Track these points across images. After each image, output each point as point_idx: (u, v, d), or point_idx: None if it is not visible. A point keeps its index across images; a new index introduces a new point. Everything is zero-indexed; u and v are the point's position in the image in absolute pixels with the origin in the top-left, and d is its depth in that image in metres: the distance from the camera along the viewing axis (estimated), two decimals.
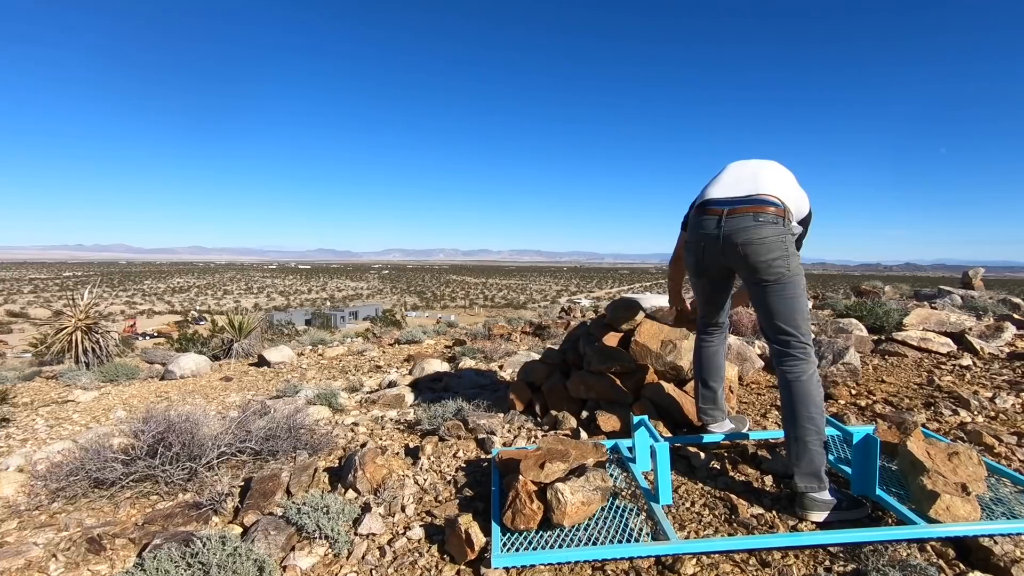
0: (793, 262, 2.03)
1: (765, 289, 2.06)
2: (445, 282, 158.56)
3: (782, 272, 2.01)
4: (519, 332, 6.92)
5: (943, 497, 1.75)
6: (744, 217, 2.06)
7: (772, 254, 2.01)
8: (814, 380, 2.01)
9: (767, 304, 2.07)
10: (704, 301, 2.51)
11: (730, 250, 2.10)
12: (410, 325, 21.26)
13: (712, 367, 2.52)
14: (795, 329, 2.03)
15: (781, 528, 1.92)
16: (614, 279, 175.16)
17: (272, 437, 2.86)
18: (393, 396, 3.82)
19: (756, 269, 2.05)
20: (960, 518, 1.73)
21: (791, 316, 2.03)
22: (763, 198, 2.07)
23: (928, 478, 1.83)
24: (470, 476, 2.39)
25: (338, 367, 5.88)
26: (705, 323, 2.55)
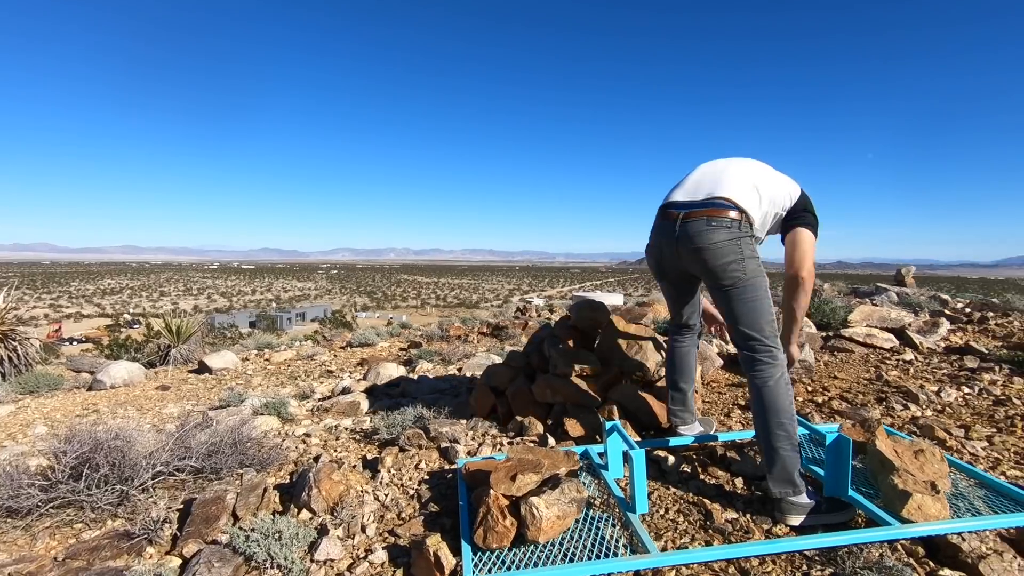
0: (749, 266, 1.98)
1: (724, 294, 2.03)
2: (396, 282, 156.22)
3: (738, 276, 1.97)
4: (476, 333, 6.79)
5: (915, 496, 1.76)
6: (698, 222, 2.01)
7: (726, 258, 1.97)
8: (782, 384, 1.97)
9: (728, 309, 2.04)
10: (671, 303, 2.48)
11: (686, 255, 2.07)
12: (361, 326, 20.73)
13: (683, 368, 2.49)
14: (758, 333, 1.99)
15: (756, 532, 1.89)
16: (566, 278, 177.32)
17: (215, 453, 2.63)
18: (347, 403, 3.63)
19: (712, 274, 2.02)
20: (932, 517, 1.74)
21: (753, 320, 1.99)
22: (718, 202, 2.02)
23: (899, 477, 1.84)
24: (434, 489, 2.25)
25: (286, 373, 5.59)
26: (676, 324, 2.51)
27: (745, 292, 1.97)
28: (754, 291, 1.98)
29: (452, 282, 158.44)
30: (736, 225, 1.97)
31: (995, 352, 4.45)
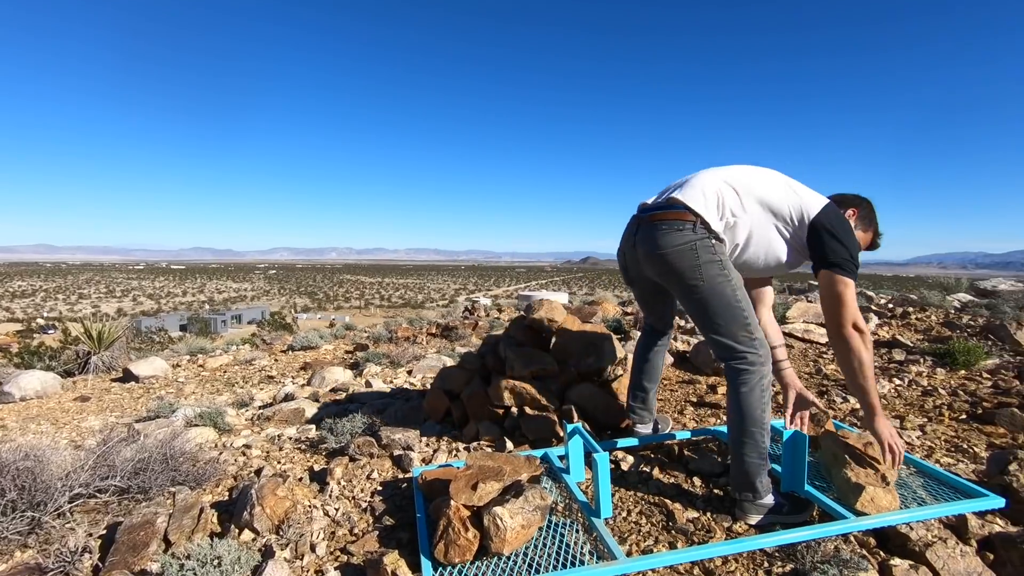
0: (708, 271, 1.87)
1: (685, 301, 1.96)
2: (338, 282, 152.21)
3: (696, 283, 1.88)
4: (425, 334, 6.64)
5: (867, 489, 1.80)
6: (651, 225, 1.94)
7: (681, 263, 1.88)
8: (757, 392, 1.88)
9: (694, 317, 1.97)
10: (644, 307, 2.45)
11: (642, 259, 2.02)
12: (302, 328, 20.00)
13: (650, 370, 2.47)
14: (729, 339, 1.90)
15: (718, 531, 1.89)
16: (512, 277, 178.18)
17: (143, 470, 2.41)
18: (291, 411, 3.43)
19: (668, 280, 1.96)
20: (883, 508, 1.79)
21: (718, 326, 1.91)
22: (674, 203, 1.93)
23: (851, 471, 1.89)
24: (389, 501, 2.14)
25: (223, 379, 5.26)
26: (649, 326, 2.49)
27: (709, 298, 1.88)
28: (719, 297, 1.88)
29: (397, 282, 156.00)
30: (690, 228, 1.88)
31: (919, 345, 4.74)
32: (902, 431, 2.82)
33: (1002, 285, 9.33)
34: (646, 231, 1.96)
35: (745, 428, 1.88)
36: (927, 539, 1.78)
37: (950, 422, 2.96)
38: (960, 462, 2.45)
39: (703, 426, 2.86)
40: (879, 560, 1.73)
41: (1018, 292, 8.65)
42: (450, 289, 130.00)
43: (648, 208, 2.02)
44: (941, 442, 2.70)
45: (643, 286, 2.30)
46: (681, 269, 1.88)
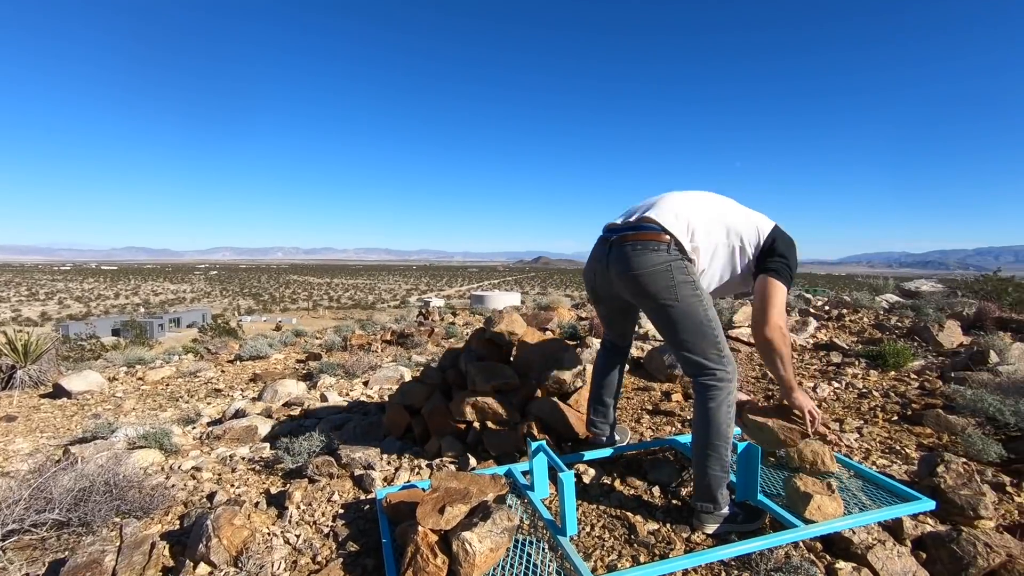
0: (683, 290, 1.94)
1: (659, 319, 2.02)
2: (285, 283, 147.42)
3: (670, 302, 1.94)
4: (379, 341, 6.54)
5: (815, 498, 1.91)
6: (627, 245, 2.00)
7: (657, 284, 1.94)
8: (723, 408, 1.96)
9: (666, 334, 2.04)
10: (605, 324, 2.50)
11: (616, 279, 2.06)
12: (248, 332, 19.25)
13: (609, 384, 2.53)
14: (700, 356, 1.98)
15: (677, 542, 1.96)
16: (464, 277, 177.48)
17: (84, 500, 2.27)
18: (243, 428, 3.32)
19: (643, 299, 2.01)
20: (829, 515, 1.90)
21: (692, 343, 1.98)
22: (646, 224, 2.00)
23: (800, 480, 1.99)
24: (352, 525, 2.10)
25: (165, 393, 5.02)
26: (609, 342, 2.54)
27: (682, 318, 1.94)
28: (691, 316, 1.95)
29: (346, 282, 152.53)
30: (665, 248, 1.95)
31: (853, 347, 5.04)
32: (842, 434, 2.99)
33: (924, 286, 10.03)
34: (620, 251, 2.01)
35: (711, 442, 1.96)
36: (868, 542, 1.90)
37: (884, 424, 3.16)
38: (894, 463, 2.63)
39: (659, 434, 2.95)
40: (825, 564, 1.84)
41: (938, 293, 9.33)
42: (401, 289, 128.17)
43: (620, 229, 2.07)
44: (876, 444, 2.89)
45: (610, 305, 2.36)
46: (656, 289, 1.94)
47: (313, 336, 8.92)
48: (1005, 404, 3.03)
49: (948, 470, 2.26)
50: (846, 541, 1.91)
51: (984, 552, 1.79)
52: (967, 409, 3.14)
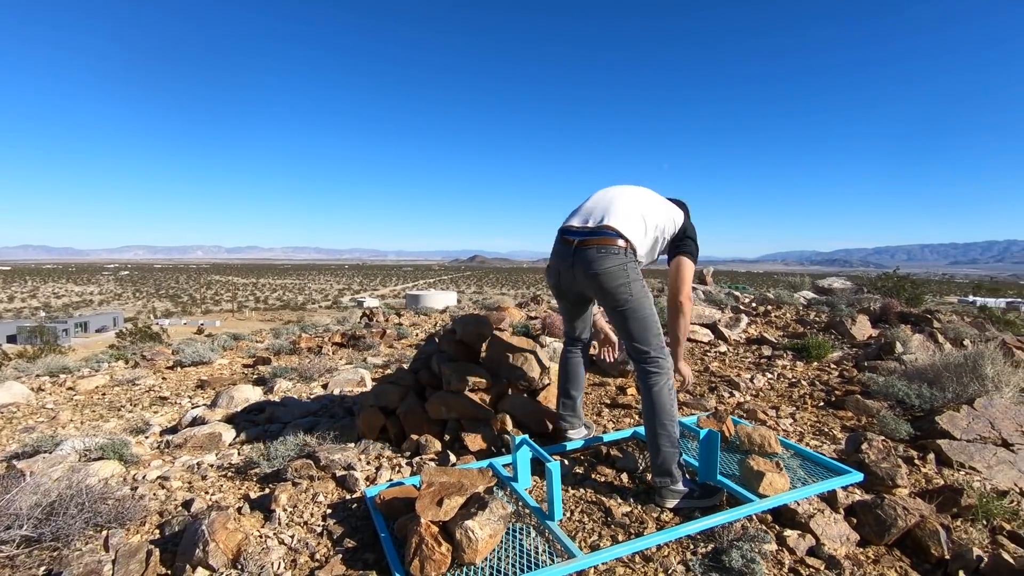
0: (636, 288, 2.25)
1: (616, 313, 2.30)
2: (206, 283, 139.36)
3: (626, 298, 2.25)
4: (330, 343, 6.46)
5: (767, 475, 2.18)
6: (591, 249, 2.26)
7: (616, 282, 2.24)
8: (666, 391, 2.26)
9: (619, 326, 2.33)
10: (567, 319, 2.69)
11: (580, 278, 2.32)
12: (173, 336, 18.16)
13: (575, 378, 2.72)
14: (646, 345, 2.29)
15: (649, 521, 2.17)
16: (398, 276, 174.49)
17: (54, 514, 2.21)
18: (205, 436, 3.26)
19: (604, 296, 2.29)
20: (779, 490, 2.17)
21: (641, 334, 2.28)
22: (607, 231, 2.28)
23: (753, 460, 2.26)
24: (344, 523, 2.17)
25: (103, 403, 4.77)
26: (569, 337, 2.73)
27: (634, 312, 2.26)
28: (641, 310, 2.27)
29: (274, 282, 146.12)
30: (622, 252, 2.24)
31: (781, 341, 5.53)
32: (779, 419, 3.33)
33: (836, 284, 10.99)
34: (583, 254, 2.27)
35: (660, 420, 2.24)
36: (810, 512, 2.19)
37: (812, 409, 3.55)
38: (824, 443, 2.98)
39: (620, 426, 3.18)
40: (776, 532, 2.11)
41: (848, 290, 10.28)
42: (333, 289, 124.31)
43: (582, 233, 2.30)
44: (808, 427, 3.24)
45: (572, 300, 2.61)
46: (614, 287, 2.23)
47: (253, 339, 8.64)
48: (911, 389, 3.48)
49: (871, 447, 2.62)
50: (792, 512, 2.20)
51: (903, 514, 2.12)
52: (880, 394, 3.58)
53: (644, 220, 2.36)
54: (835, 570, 1.92)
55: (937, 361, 3.67)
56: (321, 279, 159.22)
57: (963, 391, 3.42)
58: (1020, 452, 2.87)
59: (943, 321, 6.47)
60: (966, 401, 3.25)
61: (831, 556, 1.97)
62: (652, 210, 2.41)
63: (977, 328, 6.51)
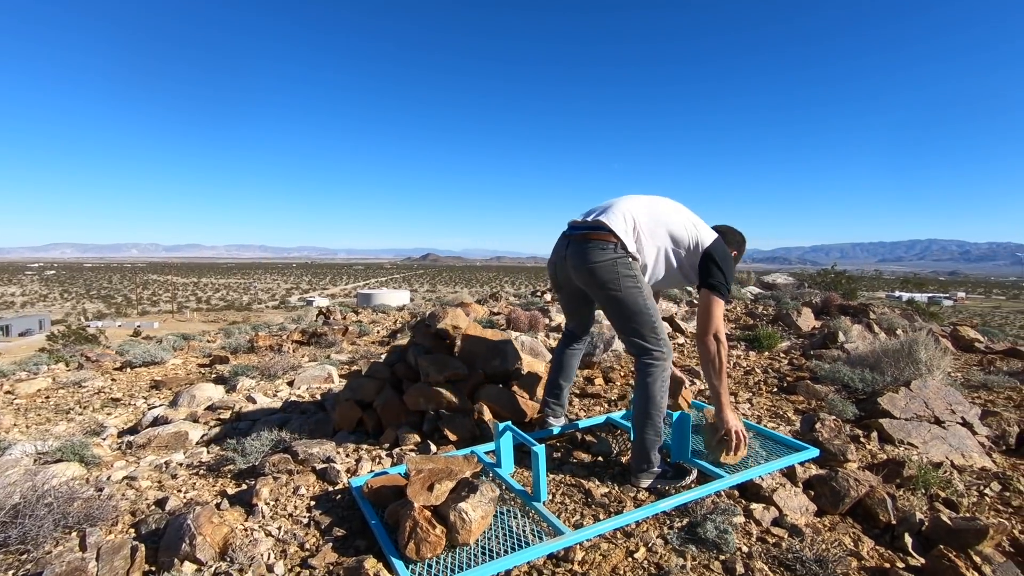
0: (625, 283, 2.27)
1: (606, 307, 2.37)
2: (143, 283, 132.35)
3: (614, 293, 2.28)
4: (290, 342, 6.33)
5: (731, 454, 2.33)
6: (582, 243, 2.33)
7: (603, 276, 2.27)
8: (659, 382, 2.31)
9: (612, 320, 2.39)
10: (566, 313, 2.77)
11: (572, 271, 2.38)
12: (110, 339, 17.21)
13: (568, 370, 2.81)
14: (639, 338, 2.33)
15: (627, 500, 2.28)
16: (349, 275, 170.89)
17: (21, 516, 2.12)
18: (171, 435, 3.17)
19: (593, 289, 2.35)
20: (745, 468, 2.32)
21: (632, 327, 2.33)
22: (597, 225, 2.33)
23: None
24: (330, 514, 2.18)
25: (48, 406, 4.52)
26: (568, 331, 2.81)
27: (623, 304, 2.29)
28: (632, 305, 2.29)
29: (216, 282, 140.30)
30: (612, 248, 2.28)
31: (734, 333, 5.81)
32: (738, 404, 3.53)
33: (779, 279, 11.57)
34: (576, 247, 2.33)
35: (648, 411, 2.32)
36: (772, 486, 2.36)
37: (767, 395, 3.78)
38: (780, 425, 3.19)
39: (592, 414, 3.29)
40: (743, 506, 2.26)
41: (790, 285, 10.84)
42: (280, 289, 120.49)
43: (579, 227, 2.37)
44: (764, 411, 3.45)
45: (570, 293, 2.65)
46: (604, 280, 2.28)
47: (204, 339, 8.34)
48: (855, 374, 3.75)
49: (823, 426, 2.83)
50: (756, 487, 2.36)
51: (855, 485, 2.31)
52: (828, 379, 3.84)
53: (643, 224, 2.35)
54: (798, 537, 2.08)
55: (877, 348, 3.97)
56: (268, 278, 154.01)
57: (900, 374, 3.72)
58: (950, 428, 3.16)
59: (877, 313, 6.96)
60: (903, 383, 3.54)
61: (793, 525, 2.14)
62: (660, 218, 2.40)
63: (907, 319, 7.04)
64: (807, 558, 1.90)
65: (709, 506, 2.21)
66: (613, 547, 1.97)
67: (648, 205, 2.45)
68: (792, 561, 1.90)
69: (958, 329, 6.32)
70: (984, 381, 4.24)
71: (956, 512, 2.37)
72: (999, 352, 5.57)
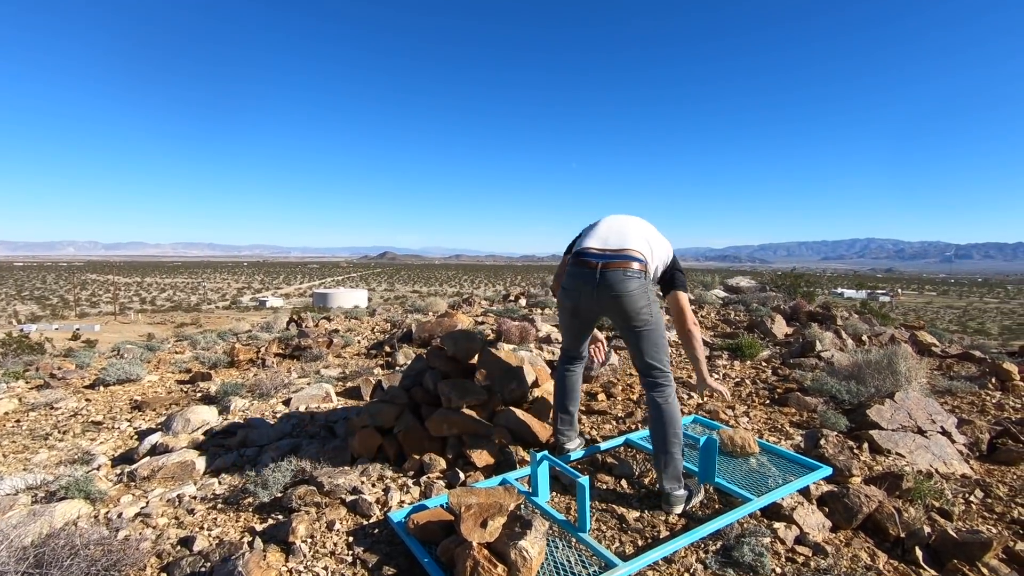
0: (655, 309, 2.47)
1: (636, 333, 2.46)
2: (81, 283, 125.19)
3: (647, 319, 2.45)
4: (272, 355, 6.17)
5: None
6: (616, 272, 2.41)
7: (639, 303, 2.41)
8: (674, 401, 2.48)
9: (638, 345, 2.48)
10: (571, 336, 2.82)
11: (605, 301, 2.45)
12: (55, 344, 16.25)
13: (572, 394, 2.86)
14: (659, 363, 2.49)
15: (659, 525, 2.37)
16: (303, 274, 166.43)
17: (45, 564, 2.03)
18: (176, 465, 3.06)
19: (627, 317, 2.44)
20: (770, 488, 2.45)
21: (656, 353, 2.49)
22: (630, 254, 2.45)
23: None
24: (372, 551, 2.17)
25: (22, 432, 4.27)
26: (569, 355, 2.86)
27: (652, 331, 2.46)
28: (659, 330, 2.48)
29: (162, 281, 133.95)
30: (643, 275, 2.43)
31: (715, 341, 6.01)
32: (736, 417, 3.68)
33: (743, 282, 12.01)
34: (611, 276, 2.41)
35: (674, 430, 2.44)
36: (792, 504, 2.49)
37: (760, 407, 3.95)
38: (781, 439, 3.35)
39: (602, 432, 3.36)
40: (766, 524, 2.38)
41: (754, 288, 11.29)
42: (231, 288, 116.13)
43: (604, 256, 2.45)
44: (762, 424, 3.61)
45: (586, 320, 2.72)
46: (638, 308, 2.40)
47: (169, 349, 8.02)
48: (841, 385, 3.97)
49: (828, 442, 2.99)
50: (777, 506, 2.48)
51: (865, 501, 2.46)
52: (816, 391, 4.05)
53: (652, 248, 2.55)
54: (821, 555, 2.21)
55: (859, 360, 4.21)
56: (217, 277, 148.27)
57: (882, 385, 3.96)
58: (932, 437, 3.39)
59: (843, 319, 7.34)
60: (887, 395, 3.78)
61: (816, 543, 2.27)
62: (657, 240, 2.61)
63: (867, 323, 7.46)
64: None
65: (737, 528, 2.32)
66: (658, 575, 2.05)
67: (647, 229, 2.63)
68: None
69: (916, 335, 6.75)
70: (948, 387, 4.56)
71: (950, 521, 2.56)
72: (955, 356, 5.98)
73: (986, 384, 4.65)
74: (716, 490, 2.60)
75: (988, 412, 4.07)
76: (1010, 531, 2.52)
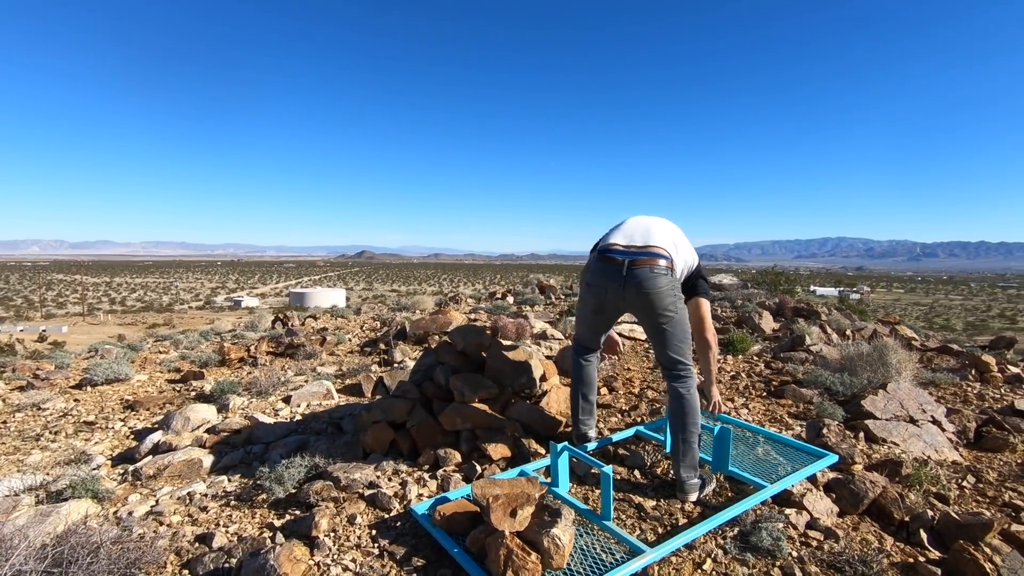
0: (680, 305, 2.53)
1: (661, 328, 2.51)
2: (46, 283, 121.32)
3: (672, 315, 2.50)
4: (263, 353, 6.08)
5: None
6: (643, 268, 2.46)
7: (667, 299, 2.47)
8: (695, 392, 2.55)
9: (663, 340, 2.54)
10: (591, 331, 2.85)
11: (632, 296, 2.50)
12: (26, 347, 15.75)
13: (590, 383, 2.90)
14: (683, 356, 2.55)
15: (676, 513, 2.42)
16: (280, 273, 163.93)
17: (64, 564, 1.99)
18: (183, 463, 3.02)
19: (654, 312, 2.50)
20: (780, 476, 2.52)
21: (679, 347, 2.54)
22: (657, 251, 2.51)
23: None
24: (398, 543, 2.18)
25: (11, 433, 4.15)
26: (586, 347, 2.90)
27: (677, 326, 2.52)
28: (683, 324, 2.54)
29: (132, 281, 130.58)
30: (670, 272, 2.48)
31: None
32: (735, 409, 3.77)
33: (726, 280, 12.22)
34: (637, 273, 2.45)
35: (693, 420, 2.51)
36: (801, 491, 2.57)
37: (758, 399, 4.04)
38: (781, 429, 3.44)
39: (608, 424, 3.41)
40: (778, 510, 2.46)
41: (736, 285, 11.51)
42: (205, 288, 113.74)
43: (631, 252, 2.50)
44: (762, 415, 3.70)
45: (609, 316, 2.78)
46: (665, 304, 2.46)
47: (151, 348, 7.85)
48: (835, 377, 4.09)
49: (829, 431, 3.09)
50: (788, 493, 2.56)
51: (871, 487, 2.56)
52: (811, 383, 4.16)
53: (678, 247, 2.61)
54: (832, 539, 2.29)
55: (851, 352, 4.34)
56: (190, 277, 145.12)
57: (874, 376, 4.09)
58: (923, 426, 3.52)
59: (826, 315, 7.54)
60: (879, 386, 3.90)
61: (827, 528, 2.35)
62: (683, 242, 2.67)
63: (848, 319, 7.68)
64: (853, 559, 2.10)
65: (752, 514, 2.39)
66: (681, 560, 2.10)
67: (673, 228, 2.71)
68: (841, 564, 2.10)
69: (896, 329, 6.97)
70: (932, 379, 4.72)
71: (948, 505, 2.67)
72: (933, 349, 6.19)
73: (966, 376, 4.83)
74: (726, 478, 2.67)
75: (971, 402, 4.23)
76: (1003, 513, 2.64)
